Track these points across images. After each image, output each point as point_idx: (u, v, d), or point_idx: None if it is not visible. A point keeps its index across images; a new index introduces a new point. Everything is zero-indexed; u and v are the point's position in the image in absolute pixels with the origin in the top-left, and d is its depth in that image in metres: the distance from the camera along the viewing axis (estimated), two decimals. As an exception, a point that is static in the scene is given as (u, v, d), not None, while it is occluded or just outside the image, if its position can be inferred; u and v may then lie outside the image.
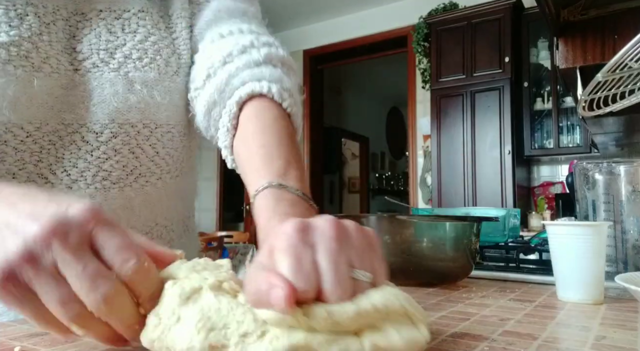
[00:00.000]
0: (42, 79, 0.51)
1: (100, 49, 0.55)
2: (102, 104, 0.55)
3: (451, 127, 3.41)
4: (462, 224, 0.72)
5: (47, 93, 0.52)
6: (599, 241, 0.59)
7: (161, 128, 0.60)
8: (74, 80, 0.54)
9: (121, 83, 0.56)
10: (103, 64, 0.55)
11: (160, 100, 0.59)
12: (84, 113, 0.55)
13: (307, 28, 4.72)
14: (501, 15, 3.27)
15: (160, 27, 0.60)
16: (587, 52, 1.10)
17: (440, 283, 0.70)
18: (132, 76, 0.56)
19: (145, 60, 0.57)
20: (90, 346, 0.37)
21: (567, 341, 0.41)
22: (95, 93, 0.55)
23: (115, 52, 0.56)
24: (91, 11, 0.55)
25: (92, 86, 0.55)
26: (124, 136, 0.57)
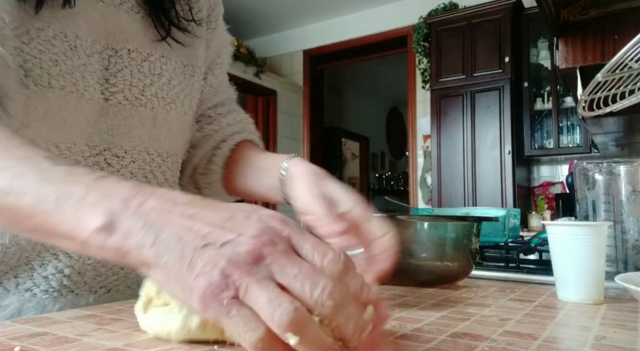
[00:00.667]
0: (83, 104, 0.57)
1: (132, 86, 0.62)
2: (129, 133, 0.62)
3: (451, 127, 3.41)
4: (462, 224, 0.72)
5: (83, 118, 0.58)
6: (599, 241, 0.59)
7: (171, 158, 0.69)
8: (104, 108, 0.60)
9: (148, 118, 0.64)
10: (134, 99, 0.62)
11: (175, 134, 0.68)
12: (111, 139, 0.61)
13: (307, 28, 4.72)
14: (501, 15, 3.27)
15: (178, 73, 0.68)
16: (587, 52, 1.10)
17: (440, 283, 0.70)
18: (156, 112, 0.65)
19: (168, 100, 0.66)
20: (91, 346, 0.37)
21: (567, 341, 0.41)
22: (124, 123, 0.62)
23: (144, 90, 0.63)
24: (122, 49, 0.61)
25: (122, 117, 0.61)
26: (140, 162, 0.64)
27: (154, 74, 0.64)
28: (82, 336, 0.40)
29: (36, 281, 0.57)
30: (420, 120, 3.95)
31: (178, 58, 0.68)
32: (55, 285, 0.58)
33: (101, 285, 0.62)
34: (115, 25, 0.61)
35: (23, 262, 0.57)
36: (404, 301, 0.57)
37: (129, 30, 0.62)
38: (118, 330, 0.42)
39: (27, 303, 0.57)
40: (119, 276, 0.64)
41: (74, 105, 0.56)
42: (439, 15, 3.57)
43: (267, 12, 4.37)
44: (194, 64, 0.71)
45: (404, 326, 0.44)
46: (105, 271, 0.62)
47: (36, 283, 0.57)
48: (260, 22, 4.56)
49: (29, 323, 0.44)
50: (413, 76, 4.03)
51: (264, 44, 4.84)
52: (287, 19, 4.56)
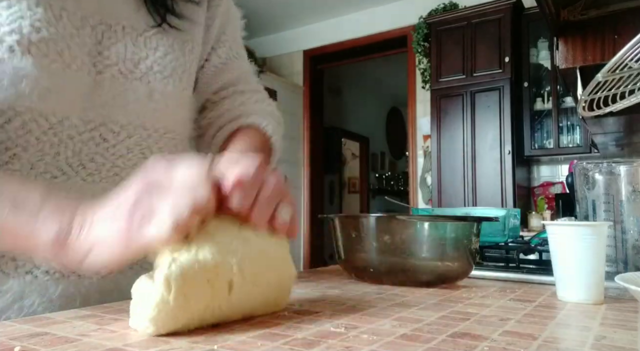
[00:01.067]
0: (70, 74, 0.57)
1: (126, 59, 0.62)
2: (124, 107, 0.62)
3: (451, 127, 3.41)
4: (462, 224, 0.72)
5: (73, 90, 0.57)
6: (599, 241, 0.59)
7: (169, 133, 0.67)
8: (97, 81, 0.59)
9: (143, 91, 0.63)
10: (128, 72, 0.62)
11: (172, 109, 0.67)
12: (106, 113, 0.60)
13: (307, 28, 4.72)
14: (501, 15, 3.27)
15: (176, 48, 0.67)
16: (587, 52, 1.10)
17: (440, 283, 0.70)
18: (152, 86, 0.64)
19: (165, 73, 0.65)
20: (91, 346, 0.37)
21: (567, 341, 0.41)
22: (119, 97, 0.61)
23: (139, 63, 0.63)
24: (116, 24, 0.62)
25: (117, 91, 0.61)
26: (137, 138, 0.63)
27: (150, 48, 0.64)
28: (82, 336, 0.40)
29: (36, 263, 0.56)
30: (420, 120, 3.95)
31: (178, 33, 0.68)
32: (56, 265, 0.57)
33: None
34: (110, 3, 0.61)
35: None
36: (404, 301, 0.57)
37: (124, 9, 0.63)
38: (118, 330, 0.42)
39: (28, 286, 0.56)
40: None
41: (59, 75, 0.56)
42: (439, 15, 3.57)
43: (267, 12, 4.37)
44: (194, 39, 0.70)
45: (404, 326, 0.44)
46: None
47: (36, 264, 0.57)
48: (260, 22, 4.56)
49: (29, 323, 0.44)
50: (413, 76, 4.03)
51: (264, 44, 4.84)
52: (287, 19, 4.56)
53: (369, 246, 0.71)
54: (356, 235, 0.73)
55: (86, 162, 0.59)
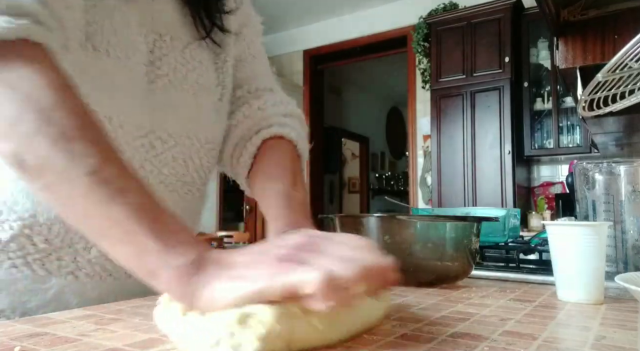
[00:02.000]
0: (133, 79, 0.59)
1: (176, 70, 0.64)
2: (174, 117, 0.63)
3: (451, 127, 3.41)
4: (462, 224, 0.72)
5: (131, 95, 0.59)
6: (599, 241, 0.59)
7: (208, 144, 0.69)
8: (150, 89, 0.61)
9: (190, 102, 0.65)
10: (178, 83, 0.64)
11: (214, 120, 0.69)
12: (155, 121, 0.62)
13: (307, 28, 4.72)
14: (501, 15, 3.27)
15: (211, 61, 0.69)
16: (587, 52, 1.10)
17: (440, 283, 0.70)
18: (198, 97, 0.66)
19: (207, 86, 0.68)
20: (91, 346, 0.37)
21: (567, 341, 0.41)
22: (169, 107, 0.63)
23: (187, 75, 0.65)
24: (165, 35, 0.63)
25: (167, 100, 0.63)
26: (181, 147, 0.65)
27: (195, 61, 0.66)
28: (82, 336, 0.40)
29: (80, 265, 0.58)
30: (420, 120, 3.95)
31: (214, 47, 0.70)
32: (98, 269, 0.59)
33: None
34: (160, 12, 0.63)
35: (67, 243, 0.57)
36: (404, 301, 0.57)
37: (171, 20, 0.65)
38: (118, 330, 0.42)
39: (68, 286, 0.57)
40: None
41: (125, 77, 0.57)
42: (439, 15, 3.57)
43: (267, 12, 4.37)
44: (226, 52, 0.72)
45: (404, 326, 0.44)
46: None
47: (79, 266, 0.58)
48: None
49: (29, 323, 0.44)
50: (413, 76, 4.03)
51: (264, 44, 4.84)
52: (287, 19, 4.56)
53: (369, 246, 0.71)
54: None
55: (137, 168, 0.60)
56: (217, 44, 0.70)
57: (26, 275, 0.55)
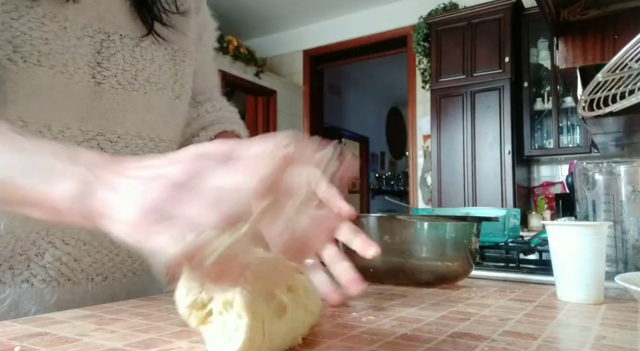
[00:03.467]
0: (73, 85, 0.57)
1: (124, 70, 0.62)
2: (121, 118, 0.62)
3: (451, 127, 3.41)
4: (462, 224, 0.72)
5: (73, 100, 0.58)
6: (599, 241, 0.59)
7: (164, 143, 0.68)
8: (96, 92, 0.60)
9: (141, 102, 0.64)
10: (126, 83, 0.63)
11: (166, 119, 0.68)
12: (103, 123, 0.61)
13: (307, 28, 4.72)
14: (501, 15, 3.27)
15: (167, 59, 0.68)
16: (587, 52, 1.10)
17: (440, 283, 0.70)
18: (149, 97, 0.65)
19: (160, 85, 0.66)
20: (91, 346, 0.37)
21: (567, 341, 0.41)
22: (117, 108, 0.62)
23: (137, 75, 0.64)
24: (114, 33, 0.62)
25: (115, 101, 0.62)
26: (133, 147, 0.64)
27: (146, 59, 0.65)
28: (82, 336, 0.40)
29: (33, 271, 0.57)
30: (420, 120, 3.95)
31: (168, 44, 0.68)
32: (53, 273, 0.58)
33: (98, 273, 0.62)
34: (108, 11, 0.62)
35: (17, 252, 0.56)
36: (404, 301, 0.57)
37: (121, 17, 0.63)
38: (118, 330, 0.42)
39: (24, 294, 0.57)
40: (114, 263, 0.64)
41: (64, 85, 0.56)
42: (439, 15, 3.57)
43: (267, 12, 4.37)
44: (184, 48, 0.71)
45: (404, 326, 0.44)
46: (101, 257, 0.62)
47: (33, 273, 0.57)
48: (260, 22, 4.56)
49: (29, 323, 0.44)
50: (413, 76, 4.03)
51: (264, 44, 4.84)
52: (287, 19, 4.56)
53: (369, 246, 0.71)
54: (356, 235, 0.73)
55: None
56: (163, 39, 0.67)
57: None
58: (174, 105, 0.70)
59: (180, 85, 0.70)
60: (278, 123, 4.54)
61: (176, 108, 0.70)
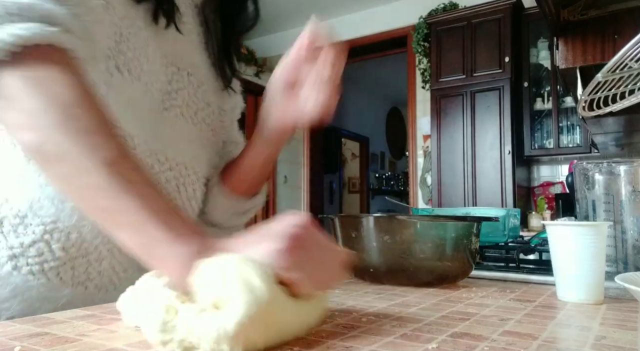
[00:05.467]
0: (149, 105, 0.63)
1: (188, 105, 0.68)
2: (176, 145, 0.67)
3: (451, 127, 3.41)
4: (462, 224, 0.72)
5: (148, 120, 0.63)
6: (599, 241, 0.59)
7: (202, 179, 0.72)
8: (163, 116, 0.65)
9: (195, 136, 0.70)
10: (188, 116, 0.68)
11: (210, 157, 0.74)
12: (160, 146, 0.65)
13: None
14: (501, 15, 3.27)
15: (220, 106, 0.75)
16: (587, 52, 1.10)
17: (440, 283, 0.70)
18: (202, 133, 0.71)
19: (212, 126, 0.73)
20: (91, 346, 0.37)
21: (567, 341, 0.41)
22: (176, 135, 0.67)
23: (197, 112, 0.70)
24: (183, 70, 0.68)
25: (175, 129, 0.67)
26: (176, 172, 0.67)
27: (205, 102, 0.71)
28: (82, 336, 0.40)
29: (90, 276, 0.59)
30: (420, 120, 3.95)
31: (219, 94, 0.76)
32: (106, 281, 0.60)
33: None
34: (180, 48, 0.68)
35: (81, 253, 0.58)
36: (404, 301, 0.57)
37: (190, 57, 0.70)
38: (118, 330, 0.42)
39: (78, 296, 0.58)
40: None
41: (147, 99, 0.62)
42: (439, 15, 3.57)
43: (267, 12, 4.36)
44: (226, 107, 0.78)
45: (404, 326, 0.44)
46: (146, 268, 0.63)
47: (90, 277, 0.59)
48: (260, 22, 4.55)
49: (29, 323, 0.44)
50: (413, 76, 4.02)
51: (264, 44, 4.84)
52: (287, 19, 4.56)
53: (369, 246, 0.71)
54: (356, 235, 0.73)
55: None
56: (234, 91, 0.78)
57: (42, 282, 0.56)
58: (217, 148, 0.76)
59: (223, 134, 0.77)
60: (278, 123, 4.53)
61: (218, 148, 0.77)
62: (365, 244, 0.72)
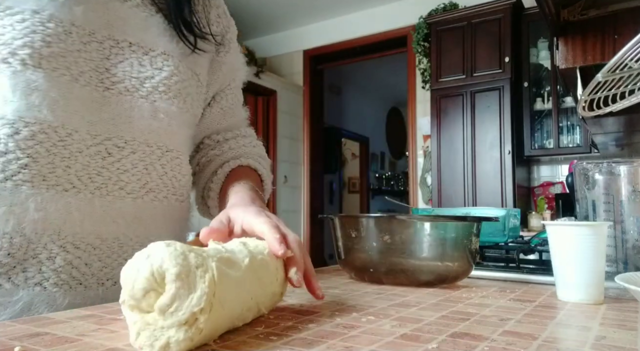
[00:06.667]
0: (78, 89, 0.60)
1: (132, 77, 0.64)
2: (129, 124, 0.64)
3: (451, 127, 3.41)
4: (462, 224, 0.72)
5: (81, 103, 0.60)
6: (599, 241, 0.59)
7: (171, 152, 0.70)
8: (105, 97, 0.62)
9: (148, 109, 0.66)
10: (134, 90, 0.65)
11: (176, 129, 0.70)
12: (111, 128, 0.63)
13: (307, 28, 4.72)
14: (501, 15, 3.27)
15: (181, 71, 0.70)
16: (587, 52, 1.10)
17: (440, 283, 0.70)
18: (157, 105, 0.67)
19: (170, 94, 0.68)
20: (91, 346, 0.37)
21: (567, 341, 0.41)
22: (124, 114, 0.64)
23: (145, 82, 0.65)
24: (123, 41, 0.64)
25: (122, 107, 0.64)
26: (140, 153, 0.65)
27: (155, 68, 0.66)
28: (82, 336, 0.40)
29: (45, 275, 0.58)
30: (420, 120, 3.95)
31: (182, 59, 0.71)
32: (65, 277, 0.59)
33: (108, 277, 0.63)
34: (119, 18, 0.64)
35: (30, 255, 0.57)
36: (404, 301, 0.57)
37: (132, 25, 0.66)
38: (118, 330, 0.42)
39: (37, 297, 0.57)
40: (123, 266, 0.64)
41: (67, 88, 0.59)
42: (439, 15, 3.57)
43: (267, 12, 4.37)
44: (197, 72, 0.74)
45: (404, 326, 0.44)
46: (111, 262, 0.63)
47: (45, 276, 0.58)
48: (260, 22, 4.56)
49: (29, 323, 0.44)
50: (413, 76, 4.03)
51: (264, 44, 4.84)
52: (287, 19, 4.56)
53: (369, 246, 0.71)
54: (356, 235, 0.73)
55: (94, 175, 0.61)
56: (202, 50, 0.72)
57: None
58: (185, 117, 0.71)
59: (191, 99, 0.72)
60: (278, 123, 4.54)
61: (188, 120, 0.73)
62: (365, 244, 0.72)
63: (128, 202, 0.64)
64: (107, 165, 0.62)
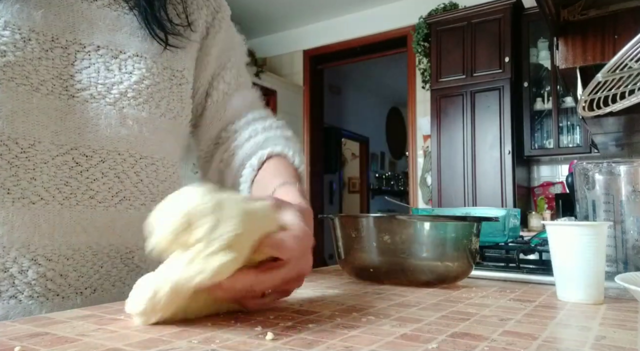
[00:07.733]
0: (39, 98, 0.57)
1: (98, 83, 0.61)
2: (95, 132, 0.61)
3: (451, 127, 3.41)
4: (462, 224, 0.72)
5: (43, 113, 0.57)
6: (599, 241, 0.59)
7: (145, 159, 0.67)
8: (69, 105, 0.59)
9: (115, 117, 0.62)
10: (100, 97, 0.61)
11: (147, 135, 0.66)
12: (77, 137, 0.60)
13: (307, 28, 4.72)
14: (501, 15, 3.27)
15: (154, 73, 0.66)
16: (587, 52, 1.10)
17: (440, 283, 0.70)
18: (125, 112, 0.63)
19: (140, 99, 0.64)
20: (91, 346, 0.37)
21: (567, 341, 0.41)
22: (90, 122, 0.61)
23: (112, 88, 0.62)
24: (90, 45, 0.61)
25: (88, 115, 0.61)
26: (110, 162, 0.63)
27: (124, 72, 0.63)
28: (82, 336, 0.40)
29: (19, 288, 0.56)
30: (420, 120, 3.95)
31: (156, 59, 0.67)
32: (39, 289, 0.57)
33: (86, 286, 0.61)
34: (86, 21, 0.61)
35: (1, 268, 0.55)
36: (404, 301, 0.57)
37: (100, 27, 0.62)
38: (118, 330, 0.42)
39: (12, 309, 0.56)
40: (100, 274, 0.63)
41: (27, 98, 0.56)
42: (439, 15, 3.57)
43: (267, 12, 4.37)
44: (178, 69, 0.70)
45: (404, 326, 0.44)
46: (87, 270, 0.61)
47: (19, 289, 0.56)
48: (260, 22, 4.56)
49: (29, 323, 0.44)
50: (413, 76, 4.03)
51: (264, 44, 4.84)
52: (287, 19, 4.56)
53: (369, 246, 0.71)
54: (356, 235, 0.73)
55: (61, 186, 0.59)
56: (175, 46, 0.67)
57: None
58: (160, 122, 0.67)
59: (167, 102, 0.68)
60: (278, 123, 4.53)
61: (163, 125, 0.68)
62: (365, 244, 0.72)
63: (99, 211, 0.62)
64: (75, 174, 0.60)
